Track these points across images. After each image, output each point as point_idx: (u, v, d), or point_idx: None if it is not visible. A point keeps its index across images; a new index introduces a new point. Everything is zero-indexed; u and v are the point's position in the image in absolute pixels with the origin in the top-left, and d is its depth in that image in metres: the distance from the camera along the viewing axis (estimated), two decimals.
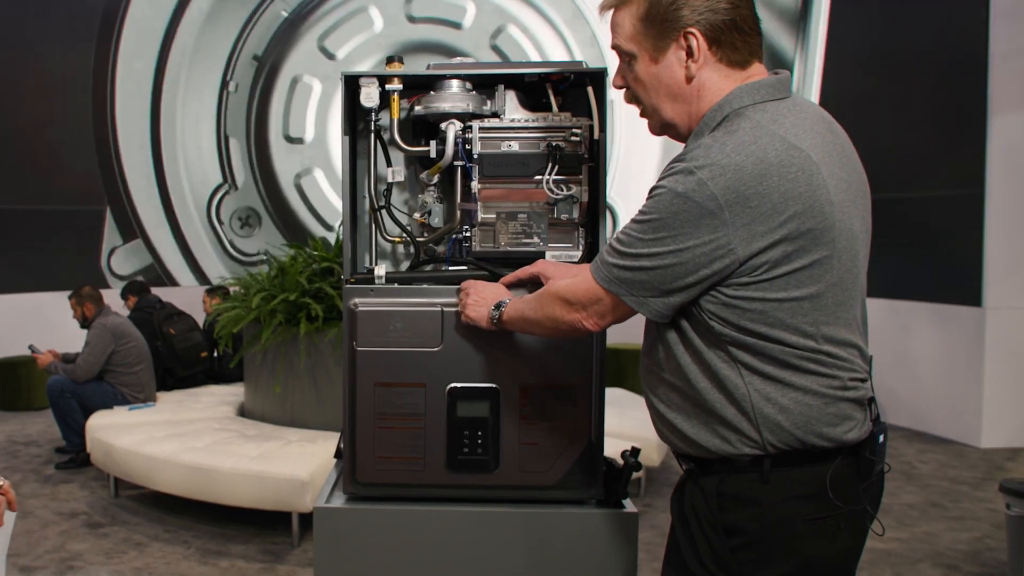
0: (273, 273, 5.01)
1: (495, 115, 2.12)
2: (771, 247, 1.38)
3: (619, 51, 1.57)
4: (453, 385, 1.98)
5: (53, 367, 5.68)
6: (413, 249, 2.18)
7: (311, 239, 5.13)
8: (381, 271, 2.09)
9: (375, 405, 1.98)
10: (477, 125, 2.07)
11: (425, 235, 2.19)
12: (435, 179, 2.16)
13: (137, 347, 5.76)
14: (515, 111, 2.14)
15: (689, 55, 1.49)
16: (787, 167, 1.37)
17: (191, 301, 7.50)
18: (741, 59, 1.50)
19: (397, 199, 2.25)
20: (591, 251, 2.13)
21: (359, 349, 1.98)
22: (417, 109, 2.12)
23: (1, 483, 1.78)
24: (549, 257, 2.10)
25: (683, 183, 1.39)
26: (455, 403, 1.98)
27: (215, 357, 6.84)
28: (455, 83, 2.10)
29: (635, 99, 1.60)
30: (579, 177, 2.08)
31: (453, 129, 2.07)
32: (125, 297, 6.88)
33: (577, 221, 2.10)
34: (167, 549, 4.12)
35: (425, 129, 2.17)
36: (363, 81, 2.07)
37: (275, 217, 9.19)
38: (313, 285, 4.68)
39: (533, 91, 2.16)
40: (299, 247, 5.12)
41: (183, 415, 5.25)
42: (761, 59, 1.54)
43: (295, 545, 4.13)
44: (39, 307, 8.15)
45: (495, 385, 1.98)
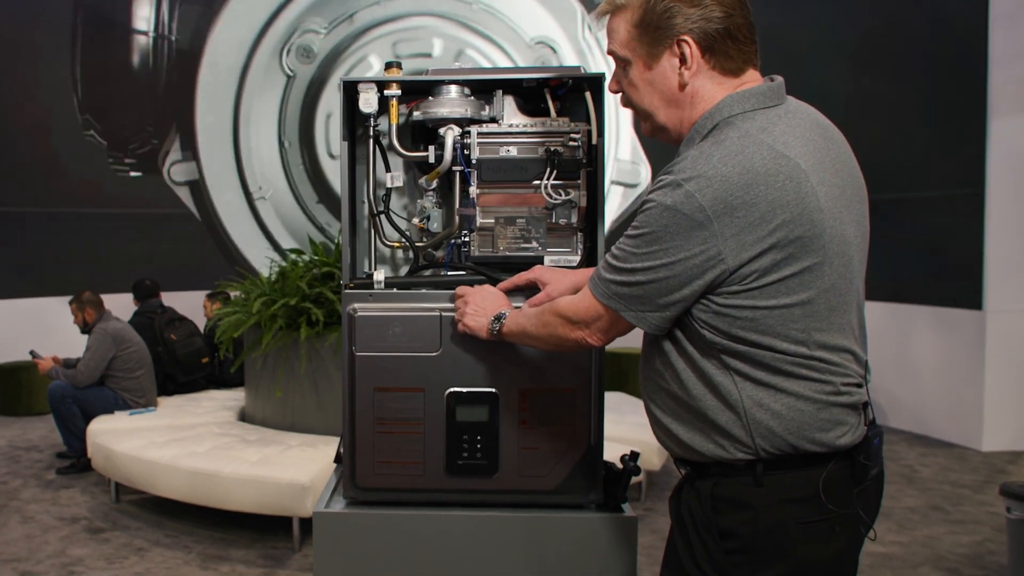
0: (274, 278, 5.02)
1: (493, 120, 2.13)
2: (760, 256, 1.39)
3: (614, 57, 1.59)
4: (452, 390, 1.98)
5: (54, 372, 5.69)
6: (412, 254, 2.19)
7: (311, 244, 5.14)
8: (380, 276, 2.09)
9: (374, 410, 1.98)
10: (475, 130, 2.07)
11: (424, 240, 2.19)
12: (434, 184, 2.16)
13: (138, 352, 5.77)
14: (513, 116, 2.14)
15: (682, 62, 1.50)
16: (774, 176, 1.38)
17: (193, 306, 7.51)
18: (735, 67, 1.51)
19: (396, 204, 2.25)
20: (589, 256, 2.14)
21: (358, 354, 1.98)
22: (416, 115, 2.12)
23: None
24: (548, 262, 2.11)
25: (671, 196, 1.40)
26: (454, 408, 1.98)
27: (216, 362, 6.84)
28: (453, 88, 2.10)
29: (630, 103, 1.61)
30: (577, 182, 2.09)
31: (451, 134, 2.07)
32: (136, 299, 6.90)
33: (575, 226, 2.10)
34: (168, 554, 4.12)
35: (424, 134, 2.18)
36: (362, 87, 2.08)
37: None
38: (313, 290, 4.68)
39: (531, 96, 2.17)
40: (299, 252, 5.13)
41: (184, 420, 5.25)
42: (757, 66, 1.54)
43: (296, 550, 4.13)
44: (40, 312, 8.16)
45: (494, 389, 1.97)
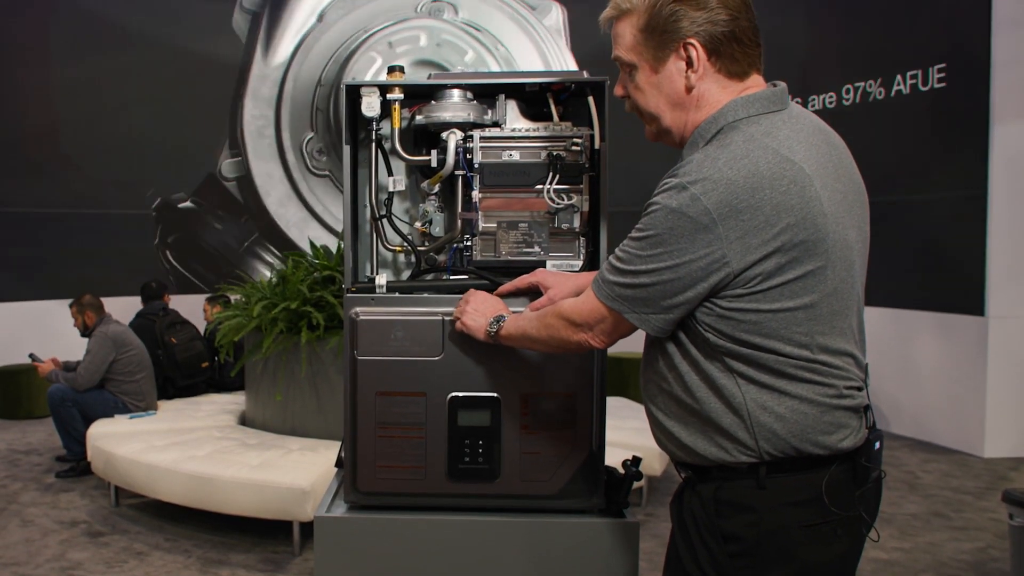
0: (275, 281, 5.01)
1: (496, 124, 2.13)
2: (764, 259, 1.39)
3: (620, 61, 1.59)
4: (454, 394, 1.98)
5: (54, 375, 5.68)
6: (414, 258, 2.18)
7: (312, 247, 5.13)
8: (382, 280, 2.09)
9: (376, 414, 1.98)
10: (478, 134, 2.07)
11: (426, 244, 2.19)
12: (436, 188, 2.16)
13: (138, 355, 5.77)
14: (516, 120, 2.14)
15: (689, 66, 1.50)
16: (779, 180, 1.38)
17: (192, 310, 7.51)
18: (740, 70, 1.51)
19: (398, 208, 2.25)
20: (592, 261, 2.13)
21: (360, 358, 1.98)
22: (418, 118, 2.12)
23: None
24: (550, 266, 2.10)
25: (676, 199, 1.40)
26: (456, 412, 1.98)
27: (216, 366, 6.83)
28: (456, 92, 2.10)
29: (636, 108, 1.62)
30: (580, 187, 2.08)
31: (454, 138, 2.07)
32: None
33: (578, 231, 2.10)
34: (168, 558, 4.11)
35: (426, 138, 2.18)
36: (364, 90, 2.08)
37: None
38: (314, 294, 4.68)
39: (534, 101, 2.17)
40: (300, 256, 5.13)
41: (184, 424, 5.24)
42: (760, 70, 1.55)
43: (296, 554, 4.12)
44: (40, 315, 8.16)
45: (496, 394, 1.97)
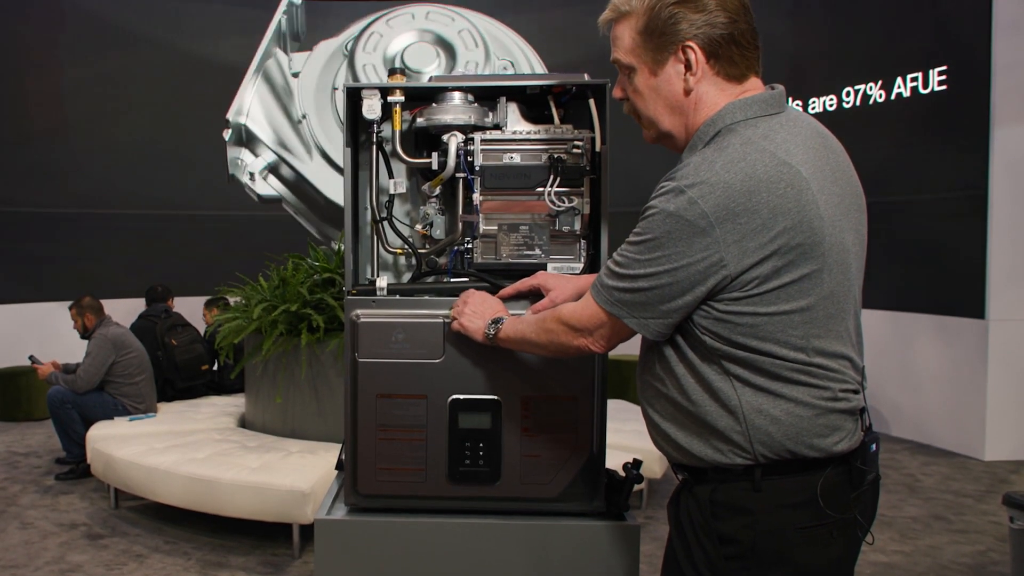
0: (275, 284, 5.01)
1: (497, 127, 2.12)
2: (761, 262, 1.39)
3: (619, 64, 1.59)
4: (455, 397, 1.97)
5: (53, 377, 5.68)
6: (415, 261, 2.18)
7: (312, 249, 5.13)
8: (383, 282, 2.08)
9: (376, 416, 1.98)
10: (479, 137, 2.07)
11: (427, 247, 2.18)
12: (437, 191, 2.16)
13: (138, 357, 5.76)
14: (517, 123, 2.14)
15: (687, 68, 1.50)
16: (776, 183, 1.38)
17: (192, 312, 7.50)
18: (739, 73, 1.51)
19: (399, 211, 2.25)
20: (593, 263, 2.13)
21: (361, 360, 1.97)
22: (419, 121, 2.12)
23: None
24: (551, 269, 2.10)
25: (674, 202, 1.40)
26: (456, 415, 1.97)
27: (216, 368, 6.83)
28: (457, 95, 2.10)
29: (634, 111, 1.62)
30: (581, 189, 2.08)
31: (455, 141, 2.07)
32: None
33: (579, 233, 2.10)
34: (167, 560, 4.10)
35: (427, 141, 2.18)
36: (365, 93, 2.07)
37: None
38: (314, 296, 4.67)
39: (535, 103, 2.16)
40: (300, 258, 5.12)
41: (183, 426, 5.24)
42: (759, 73, 1.55)
43: (296, 557, 4.12)
44: (40, 317, 8.17)
45: (496, 397, 1.97)
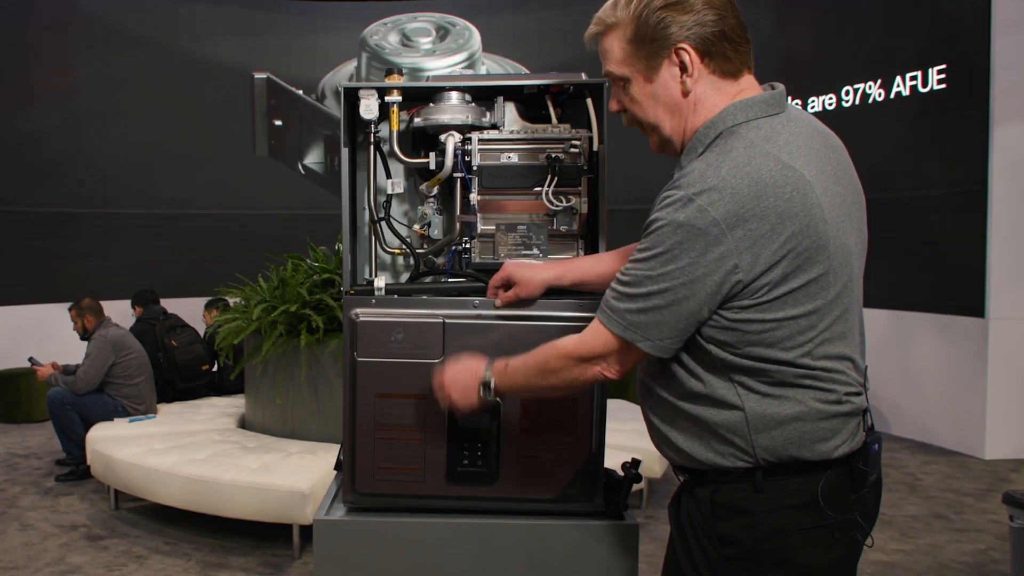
0: (274, 284, 5.00)
1: (494, 127, 2.12)
2: (772, 268, 1.37)
3: (612, 76, 1.56)
4: None
5: (53, 379, 5.68)
6: (413, 261, 2.18)
7: (312, 250, 5.13)
8: (381, 283, 2.08)
9: (375, 416, 1.97)
10: (476, 137, 2.07)
11: (424, 247, 2.18)
12: (434, 191, 2.16)
13: (138, 359, 5.76)
14: (514, 123, 2.14)
15: (683, 70, 1.48)
16: (782, 187, 1.37)
17: (192, 313, 7.50)
18: (734, 69, 1.50)
19: (397, 211, 2.25)
20: None
21: (360, 360, 1.95)
22: (416, 121, 2.12)
23: None
24: None
25: (683, 212, 1.37)
26: (455, 415, 1.95)
27: (216, 369, 6.83)
28: (454, 95, 2.10)
29: (635, 120, 1.59)
30: (578, 189, 2.08)
31: (452, 141, 2.07)
32: (134, 306, 6.91)
33: (577, 233, 2.10)
34: (167, 561, 4.10)
35: (424, 141, 2.17)
36: (362, 93, 2.07)
37: None
38: (314, 296, 4.67)
39: (532, 103, 2.16)
40: (299, 258, 5.12)
41: (183, 427, 5.24)
42: (752, 68, 1.53)
43: (296, 557, 4.11)
44: (39, 319, 8.17)
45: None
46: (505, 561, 1.96)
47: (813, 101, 7.43)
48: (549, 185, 2.05)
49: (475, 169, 2.07)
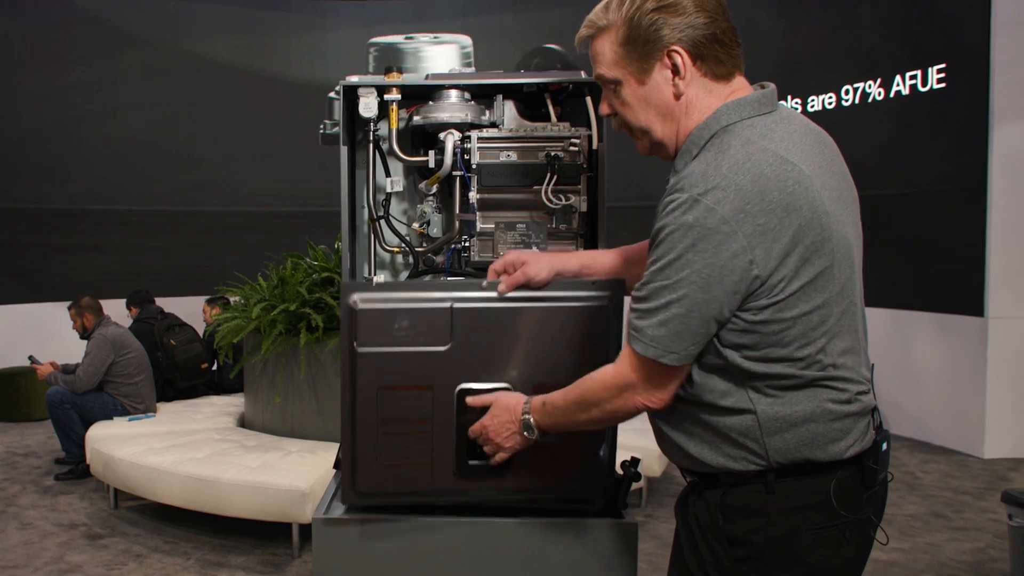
0: (273, 283, 5.01)
1: (494, 125, 2.12)
2: (784, 262, 1.36)
3: (603, 80, 1.55)
4: (463, 386, 1.83)
5: (53, 378, 5.68)
6: (412, 259, 2.18)
7: (311, 248, 5.13)
8: (379, 280, 2.08)
9: (378, 410, 1.85)
10: (476, 135, 2.07)
11: (424, 245, 2.18)
12: (434, 189, 2.16)
13: (137, 358, 5.76)
14: (514, 121, 2.14)
15: (675, 73, 1.48)
16: (784, 181, 1.36)
17: (192, 311, 7.50)
18: (725, 72, 1.49)
19: (396, 209, 2.25)
20: None
21: (360, 350, 1.80)
22: (416, 119, 2.12)
23: None
24: None
25: (691, 213, 1.35)
26: (465, 405, 1.83)
27: (215, 368, 6.83)
28: (454, 93, 2.10)
29: (624, 124, 1.57)
30: (578, 187, 2.08)
31: (451, 139, 2.07)
32: (129, 307, 6.91)
33: (576, 231, 2.10)
34: (167, 560, 4.10)
35: (424, 139, 2.18)
36: (361, 91, 2.07)
37: None
38: (313, 295, 4.67)
39: (532, 101, 2.17)
40: (299, 257, 5.12)
41: (183, 426, 5.24)
42: (742, 71, 1.53)
43: (295, 556, 4.11)
44: (39, 318, 8.16)
45: (507, 385, 1.83)
46: (503, 560, 1.94)
47: (813, 100, 7.43)
48: (548, 183, 2.06)
49: (474, 167, 2.07)
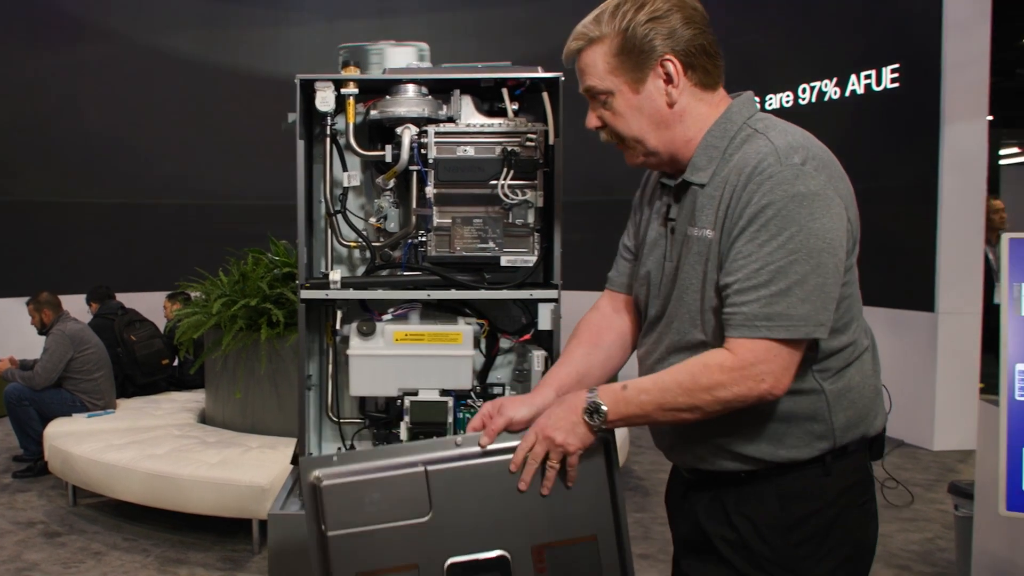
0: (234, 279, 4.98)
1: (451, 120, 2.14)
2: (851, 225, 1.46)
3: (593, 91, 1.54)
4: (452, 561, 1.56)
5: (10, 374, 5.59)
6: (369, 254, 2.19)
7: (272, 244, 5.10)
8: (336, 276, 2.09)
9: None
10: (432, 130, 2.09)
11: (381, 240, 2.20)
12: (391, 184, 2.17)
13: (96, 353, 5.70)
14: (471, 116, 2.15)
15: (668, 82, 1.50)
16: (829, 153, 1.47)
17: (153, 307, 7.42)
18: (712, 82, 1.54)
19: (353, 204, 2.26)
20: (546, 256, 2.16)
21: (331, 534, 1.54)
22: (373, 113, 2.13)
23: None
24: (504, 261, 2.12)
25: (798, 183, 1.37)
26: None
27: (176, 364, 6.77)
28: (411, 87, 2.11)
29: (615, 135, 1.56)
30: (535, 182, 2.11)
31: (408, 133, 2.09)
32: (89, 303, 6.82)
33: (532, 226, 2.13)
34: (126, 558, 4.07)
35: (381, 133, 2.19)
36: (318, 85, 2.08)
37: None
38: (274, 290, 4.66)
39: (489, 96, 2.19)
40: (260, 252, 5.10)
41: (143, 422, 5.19)
42: (723, 83, 1.58)
43: (255, 552, 4.10)
44: None
45: (503, 552, 1.57)
46: None
47: (771, 99, 7.53)
48: (505, 178, 2.08)
49: (431, 162, 2.09)
